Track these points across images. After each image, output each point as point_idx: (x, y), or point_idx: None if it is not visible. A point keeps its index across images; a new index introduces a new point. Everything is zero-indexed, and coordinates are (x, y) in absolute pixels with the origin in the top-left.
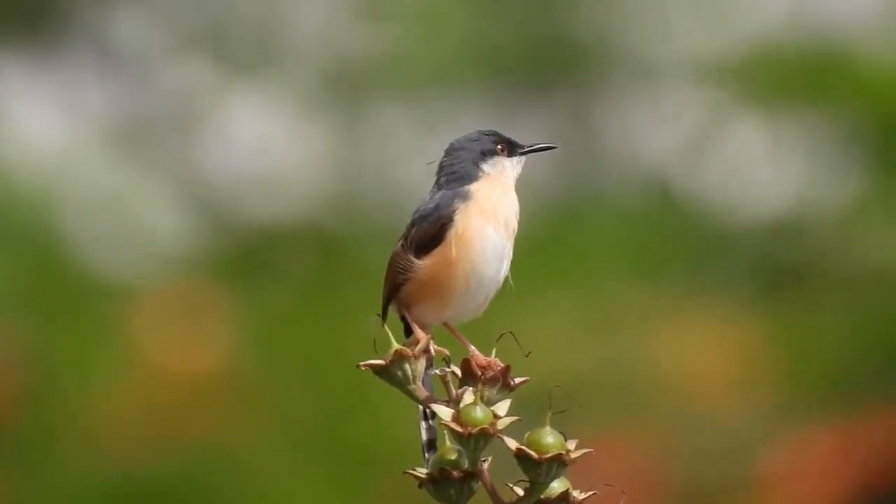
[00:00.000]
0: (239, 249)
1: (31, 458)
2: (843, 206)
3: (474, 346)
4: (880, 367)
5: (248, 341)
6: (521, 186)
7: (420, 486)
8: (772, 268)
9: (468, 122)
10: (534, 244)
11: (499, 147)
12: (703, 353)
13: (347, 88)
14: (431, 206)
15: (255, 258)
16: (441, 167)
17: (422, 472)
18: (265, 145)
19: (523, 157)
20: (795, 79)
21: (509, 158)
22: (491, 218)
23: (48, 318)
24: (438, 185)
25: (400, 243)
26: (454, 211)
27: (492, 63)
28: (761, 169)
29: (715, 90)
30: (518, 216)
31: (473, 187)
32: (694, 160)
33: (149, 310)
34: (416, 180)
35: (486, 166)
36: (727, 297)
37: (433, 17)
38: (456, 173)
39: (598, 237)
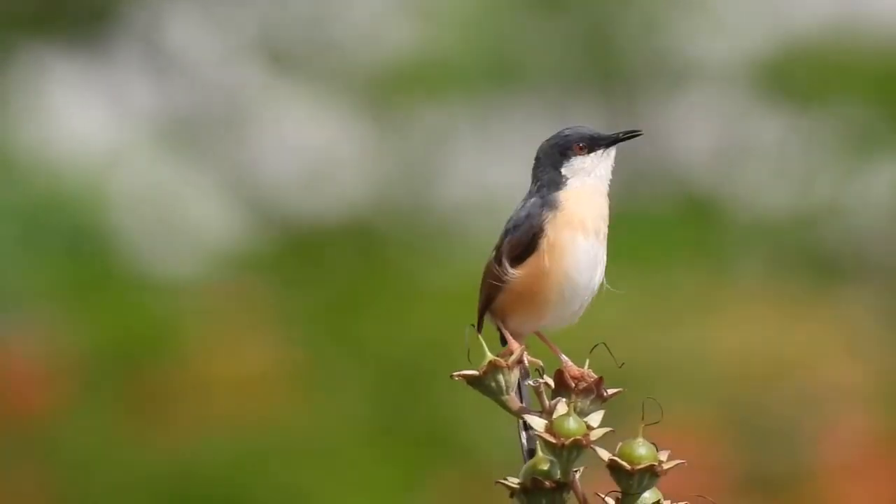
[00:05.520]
0: (288, 247)
1: (83, 454)
2: (884, 194)
3: (566, 355)
4: None
5: (298, 337)
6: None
7: (512, 495)
8: (819, 255)
9: (515, 123)
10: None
11: (578, 146)
12: (764, 341)
13: (399, 87)
14: (523, 214)
15: (304, 256)
16: (533, 175)
17: (514, 481)
18: (315, 143)
19: (610, 149)
20: (839, 78)
21: (591, 154)
22: (580, 228)
23: (98, 314)
24: (530, 193)
25: (493, 254)
26: (544, 220)
27: (535, 66)
28: (799, 159)
29: (755, 91)
30: (608, 220)
31: (562, 195)
32: (734, 155)
33: (198, 306)
34: (462, 179)
35: (566, 170)
36: (779, 285)
37: (478, 19)
38: (542, 181)
39: (650, 234)
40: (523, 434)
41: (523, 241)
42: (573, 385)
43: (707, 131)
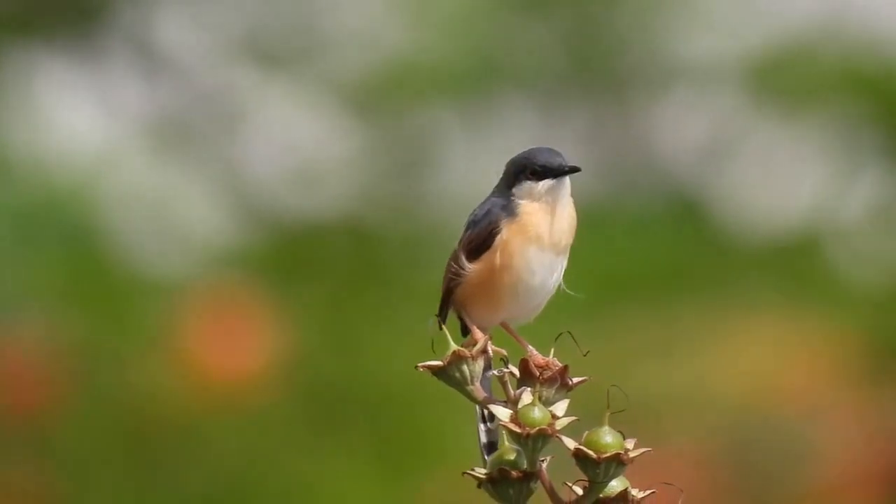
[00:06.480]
0: (279, 246)
1: (74, 454)
2: (873, 211)
3: (532, 346)
4: None
5: (291, 337)
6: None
7: (479, 486)
8: (802, 273)
9: (505, 123)
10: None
11: (531, 170)
12: (749, 359)
13: (388, 87)
14: (484, 210)
15: (296, 255)
16: (499, 182)
17: (481, 472)
18: (305, 142)
19: (559, 179)
20: (828, 81)
21: (540, 182)
22: (534, 241)
23: (90, 315)
24: (492, 194)
25: (456, 246)
26: (501, 220)
27: (528, 66)
28: (791, 173)
29: (744, 92)
30: (573, 229)
31: (521, 206)
32: (724, 164)
33: (191, 306)
34: (453, 178)
35: (516, 190)
36: (765, 305)
37: (467, 19)
38: (501, 190)
39: (633, 244)
40: (481, 426)
41: (482, 235)
42: (538, 374)
43: (696, 132)
